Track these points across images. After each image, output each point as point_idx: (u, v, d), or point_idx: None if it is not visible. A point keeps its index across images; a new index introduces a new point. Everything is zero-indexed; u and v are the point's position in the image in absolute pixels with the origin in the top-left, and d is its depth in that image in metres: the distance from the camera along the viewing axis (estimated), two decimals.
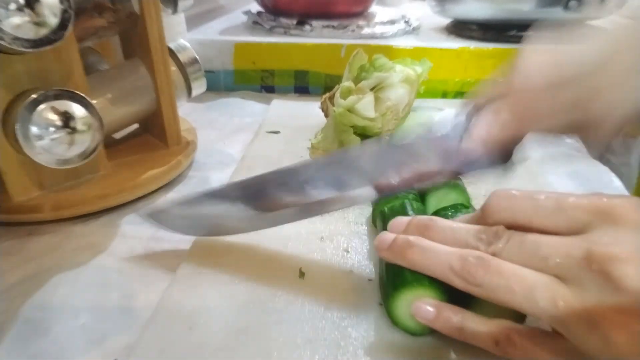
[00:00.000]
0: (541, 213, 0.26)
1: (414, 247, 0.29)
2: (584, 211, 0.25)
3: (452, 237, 0.29)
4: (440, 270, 0.27)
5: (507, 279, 0.25)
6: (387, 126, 0.55)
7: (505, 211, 0.27)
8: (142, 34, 0.48)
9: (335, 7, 0.88)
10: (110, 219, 0.46)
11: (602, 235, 0.24)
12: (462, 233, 0.28)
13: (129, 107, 0.51)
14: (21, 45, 0.35)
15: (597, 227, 0.24)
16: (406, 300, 0.29)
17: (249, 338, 0.30)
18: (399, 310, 0.29)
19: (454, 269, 0.27)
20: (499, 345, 0.26)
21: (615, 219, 0.24)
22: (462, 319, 0.27)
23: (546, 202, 0.26)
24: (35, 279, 0.37)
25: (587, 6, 0.72)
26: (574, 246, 0.24)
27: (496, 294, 0.25)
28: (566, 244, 0.24)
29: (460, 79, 0.75)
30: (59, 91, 0.39)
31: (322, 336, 0.30)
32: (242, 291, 0.34)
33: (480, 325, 0.27)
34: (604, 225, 0.24)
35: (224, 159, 0.58)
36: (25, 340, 0.32)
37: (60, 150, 0.40)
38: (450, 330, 0.27)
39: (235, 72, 0.79)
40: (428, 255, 0.28)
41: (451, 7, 0.83)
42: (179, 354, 0.29)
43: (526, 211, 0.26)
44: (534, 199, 0.26)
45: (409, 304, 0.28)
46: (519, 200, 0.27)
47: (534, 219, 0.26)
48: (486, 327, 0.26)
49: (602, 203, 0.25)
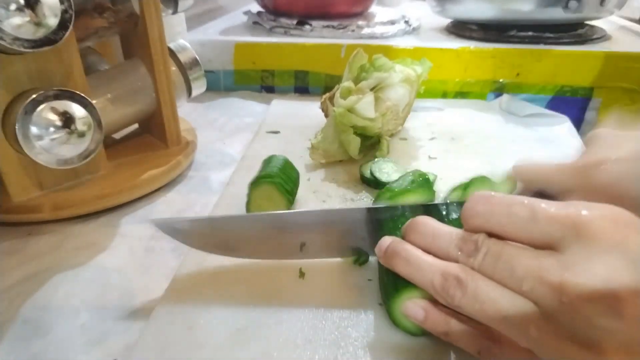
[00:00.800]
0: (515, 223, 0.25)
1: (397, 258, 0.29)
2: (559, 225, 0.24)
3: (433, 245, 0.29)
4: (422, 283, 0.28)
5: (482, 303, 0.25)
6: (387, 126, 0.55)
7: (480, 217, 0.27)
8: (142, 34, 0.48)
9: (336, 7, 0.88)
10: (109, 219, 0.46)
11: (576, 257, 0.23)
12: (444, 241, 0.28)
13: (129, 107, 0.51)
14: (21, 46, 0.35)
15: (571, 244, 0.23)
16: (407, 300, 0.29)
17: (249, 338, 0.30)
18: (399, 310, 0.29)
19: (434, 287, 0.27)
20: (480, 354, 0.27)
21: (590, 236, 0.23)
22: (448, 325, 0.28)
23: (521, 211, 0.25)
24: (35, 279, 0.37)
25: (587, 6, 0.72)
26: (548, 271, 0.23)
27: (473, 315, 0.25)
28: (540, 266, 0.24)
29: (460, 79, 0.75)
30: (59, 91, 0.39)
31: (322, 336, 0.30)
32: (242, 291, 0.34)
33: (464, 334, 0.27)
34: (578, 243, 0.23)
35: (224, 159, 0.58)
36: (25, 340, 0.32)
37: (60, 151, 0.40)
38: (437, 333, 0.28)
39: (235, 72, 0.79)
40: (411, 267, 0.28)
41: (451, 7, 0.83)
42: (179, 354, 0.29)
43: (500, 219, 0.26)
44: (509, 206, 0.26)
45: None
46: (495, 207, 0.26)
47: (508, 228, 0.25)
48: (470, 337, 0.27)
49: (579, 218, 0.23)
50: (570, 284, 0.22)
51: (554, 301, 0.23)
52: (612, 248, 0.22)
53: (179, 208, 0.47)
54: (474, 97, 0.76)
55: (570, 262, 0.23)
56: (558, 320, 0.23)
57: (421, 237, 0.29)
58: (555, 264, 0.23)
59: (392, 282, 0.30)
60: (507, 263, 0.25)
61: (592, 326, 0.22)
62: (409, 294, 0.29)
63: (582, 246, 0.23)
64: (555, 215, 0.24)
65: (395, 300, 0.30)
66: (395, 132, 0.60)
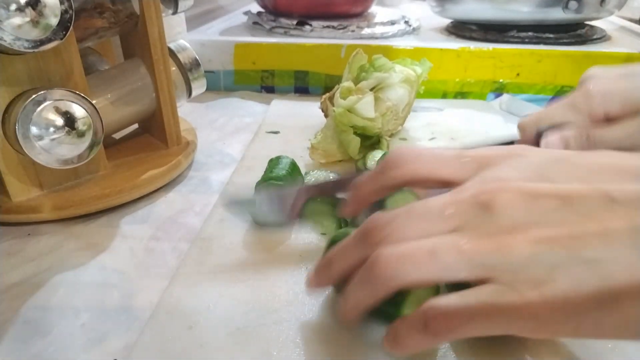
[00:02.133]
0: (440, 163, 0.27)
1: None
2: (485, 155, 0.26)
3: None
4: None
5: (404, 261, 0.23)
6: (387, 126, 0.55)
7: (409, 164, 0.28)
8: (143, 34, 0.48)
9: (336, 8, 0.88)
10: (110, 219, 0.46)
11: (496, 170, 0.24)
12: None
13: (129, 107, 0.51)
14: (22, 46, 0.35)
15: (496, 164, 0.25)
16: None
17: (249, 338, 0.30)
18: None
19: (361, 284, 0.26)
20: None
21: (515, 155, 0.25)
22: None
23: (446, 153, 0.27)
24: (35, 279, 0.37)
25: (586, 7, 0.72)
26: (464, 189, 0.24)
27: (404, 281, 0.23)
28: (457, 191, 0.24)
29: (460, 79, 0.75)
30: (59, 91, 0.39)
31: (322, 336, 0.30)
32: (242, 291, 0.34)
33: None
34: (504, 161, 0.24)
35: (224, 159, 0.58)
36: (25, 340, 0.32)
37: (60, 150, 0.40)
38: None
39: (235, 72, 0.79)
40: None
41: (451, 8, 0.83)
42: (179, 354, 0.29)
43: (429, 161, 0.27)
44: (432, 150, 0.28)
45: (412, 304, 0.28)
46: (421, 154, 0.28)
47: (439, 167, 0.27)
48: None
49: (506, 148, 0.26)
50: (487, 186, 0.24)
51: (472, 208, 0.24)
52: (537, 155, 0.26)
53: (179, 208, 0.47)
54: (474, 97, 0.76)
55: (489, 172, 0.25)
56: (480, 225, 0.23)
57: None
58: (472, 182, 0.25)
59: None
60: (420, 217, 0.25)
61: (495, 214, 0.23)
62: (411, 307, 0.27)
63: (507, 162, 0.26)
64: (484, 150, 0.27)
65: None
66: (395, 132, 0.60)
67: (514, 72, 0.73)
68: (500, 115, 0.68)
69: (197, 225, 0.44)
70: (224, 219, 0.43)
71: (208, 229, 0.42)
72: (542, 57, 0.72)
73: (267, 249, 0.39)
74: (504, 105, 0.71)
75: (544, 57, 0.72)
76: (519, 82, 0.74)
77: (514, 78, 0.74)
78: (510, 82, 0.74)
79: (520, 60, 0.73)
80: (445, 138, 0.61)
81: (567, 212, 0.22)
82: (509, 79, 0.74)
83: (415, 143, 0.59)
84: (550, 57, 0.72)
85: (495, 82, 0.74)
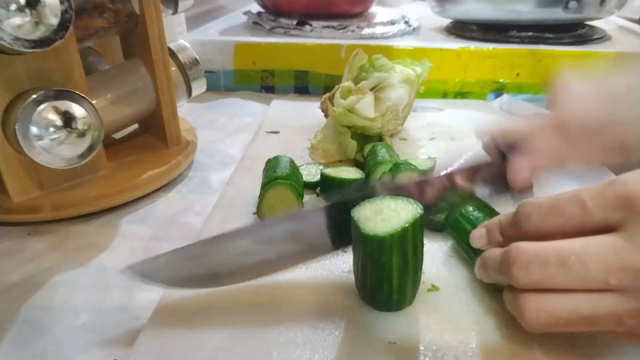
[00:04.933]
0: (571, 221, 0.25)
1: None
2: (613, 209, 0.24)
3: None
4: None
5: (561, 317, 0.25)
6: (387, 126, 0.55)
7: (535, 221, 0.27)
8: (143, 34, 0.48)
9: (336, 8, 0.88)
10: (110, 219, 0.46)
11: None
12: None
13: (129, 107, 0.51)
14: (22, 46, 0.35)
15: (630, 222, 0.23)
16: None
17: (249, 338, 0.30)
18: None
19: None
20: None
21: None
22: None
23: (572, 209, 0.25)
24: (35, 279, 0.37)
25: (586, 7, 0.72)
26: (626, 258, 0.23)
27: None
28: (616, 256, 0.23)
29: (460, 79, 0.75)
30: (59, 91, 0.39)
31: (322, 336, 0.30)
32: (242, 291, 0.34)
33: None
34: (637, 217, 0.23)
35: (224, 159, 0.58)
36: (25, 340, 0.32)
37: (60, 150, 0.40)
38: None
39: (235, 72, 0.79)
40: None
41: (451, 8, 0.83)
42: (179, 354, 0.29)
43: (555, 222, 0.26)
44: (561, 207, 0.26)
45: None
46: (547, 214, 0.26)
47: (566, 228, 0.26)
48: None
49: (630, 194, 0.24)
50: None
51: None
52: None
53: (179, 208, 0.47)
54: (474, 97, 0.76)
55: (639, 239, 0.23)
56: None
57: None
58: (628, 247, 0.23)
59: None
60: (577, 265, 0.24)
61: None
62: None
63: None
64: (606, 200, 0.24)
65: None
66: (395, 132, 0.60)
67: (514, 72, 0.73)
68: (500, 115, 0.68)
69: (197, 225, 0.44)
70: (224, 219, 0.43)
71: (208, 229, 0.41)
72: (542, 57, 0.72)
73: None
74: (504, 105, 0.71)
75: (544, 57, 0.72)
76: (519, 82, 0.74)
77: (514, 78, 0.74)
78: (510, 82, 0.74)
79: (520, 60, 0.73)
80: (445, 138, 0.61)
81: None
82: (509, 79, 0.74)
83: (416, 143, 0.59)
84: (550, 57, 0.72)
85: (495, 82, 0.74)
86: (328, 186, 0.45)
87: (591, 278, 0.24)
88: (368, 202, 0.32)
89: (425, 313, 0.32)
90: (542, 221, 0.26)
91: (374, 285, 0.31)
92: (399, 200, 0.31)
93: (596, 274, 0.24)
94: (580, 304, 0.24)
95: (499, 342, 0.30)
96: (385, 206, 0.31)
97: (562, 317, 0.25)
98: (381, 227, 0.29)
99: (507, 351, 0.29)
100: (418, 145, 0.59)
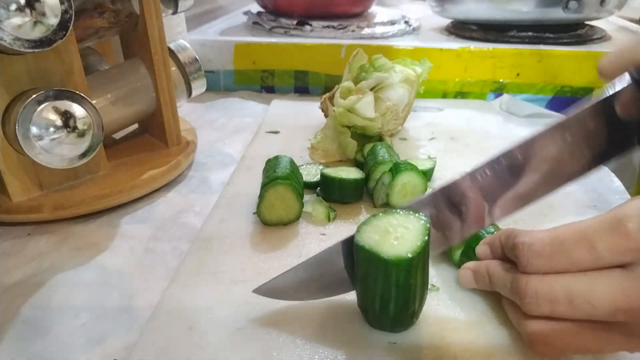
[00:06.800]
0: (580, 265, 0.25)
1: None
2: (624, 252, 0.24)
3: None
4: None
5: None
6: (387, 126, 0.55)
7: (544, 260, 0.26)
8: (143, 34, 0.48)
9: (336, 8, 0.88)
10: (110, 219, 0.46)
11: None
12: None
13: (129, 107, 0.51)
14: (22, 46, 0.35)
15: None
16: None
17: (249, 338, 0.30)
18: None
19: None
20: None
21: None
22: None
23: (581, 253, 0.25)
24: (35, 279, 0.37)
25: (586, 7, 0.72)
26: (635, 295, 0.23)
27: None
28: (624, 293, 0.23)
29: (460, 79, 0.75)
30: (59, 91, 0.39)
31: (322, 336, 0.30)
32: (242, 291, 0.34)
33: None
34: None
35: (224, 159, 0.58)
36: (25, 340, 0.32)
37: (60, 150, 0.40)
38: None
39: (235, 72, 0.79)
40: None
41: (451, 8, 0.83)
42: (179, 354, 0.29)
43: (562, 265, 0.26)
44: (569, 252, 0.25)
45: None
46: (555, 256, 0.26)
47: (574, 269, 0.25)
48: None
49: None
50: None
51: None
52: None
53: (179, 208, 0.47)
54: (474, 97, 0.76)
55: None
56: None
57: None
58: (637, 286, 0.23)
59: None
60: (585, 305, 0.24)
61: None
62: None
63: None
64: (618, 245, 0.24)
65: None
66: (395, 132, 0.60)
67: (514, 72, 0.73)
68: (500, 115, 0.68)
69: (197, 225, 0.44)
70: (224, 219, 0.43)
71: (208, 229, 0.42)
72: (542, 57, 0.72)
73: (267, 249, 0.39)
74: (504, 105, 0.71)
75: (544, 57, 0.72)
76: (519, 82, 0.74)
77: (514, 78, 0.74)
78: (510, 82, 0.74)
79: (520, 60, 0.73)
80: (445, 138, 0.61)
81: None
82: (509, 79, 0.74)
83: (415, 143, 0.59)
84: (550, 57, 0.72)
85: (495, 82, 0.74)
86: (328, 186, 0.45)
87: (599, 316, 0.24)
88: (365, 225, 0.29)
89: (426, 313, 0.32)
90: (544, 264, 0.26)
91: (399, 309, 0.29)
92: (395, 214, 0.30)
93: (603, 313, 0.24)
94: (587, 340, 0.25)
95: (499, 342, 0.30)
96: (388, 224, 0.29)
97: (569, 350, 0.26)
98: (402, 248, 0.27)
99: (508, 351, 0.29)
100: (418, 145, 0.59)
